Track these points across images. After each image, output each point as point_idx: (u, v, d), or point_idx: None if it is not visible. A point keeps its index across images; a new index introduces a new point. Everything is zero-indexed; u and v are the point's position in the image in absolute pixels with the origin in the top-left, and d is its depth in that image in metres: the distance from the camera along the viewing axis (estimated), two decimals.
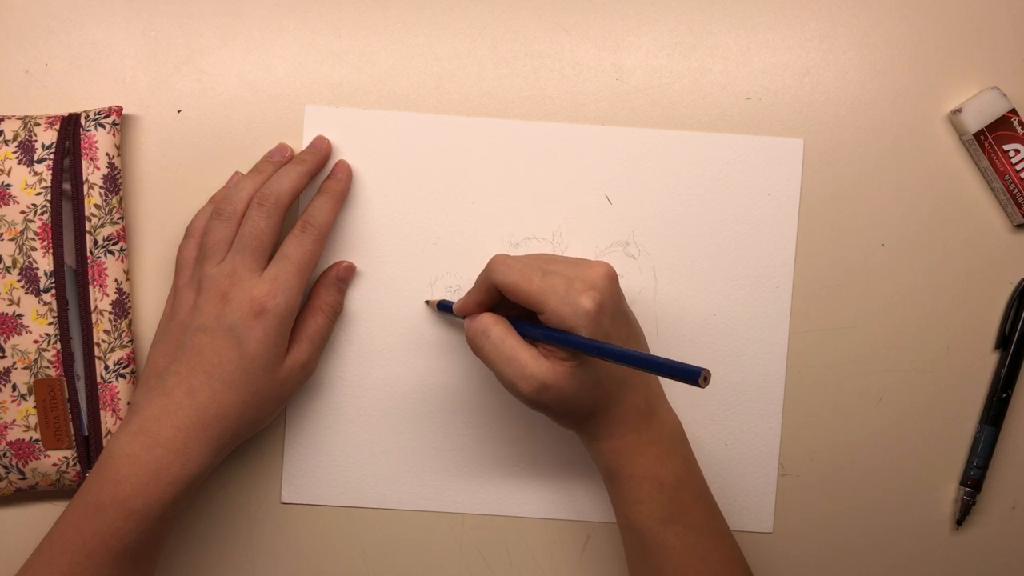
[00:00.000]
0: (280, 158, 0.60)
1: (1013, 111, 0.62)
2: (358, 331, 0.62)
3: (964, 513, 0.63)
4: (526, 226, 0.62)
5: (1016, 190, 0.62)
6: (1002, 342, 0.63)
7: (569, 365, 0.52)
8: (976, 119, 0.62)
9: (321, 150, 0.61)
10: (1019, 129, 0.62)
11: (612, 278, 0.54)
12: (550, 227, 0.62)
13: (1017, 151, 0.62)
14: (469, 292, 0.57)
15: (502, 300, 0.55)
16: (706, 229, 0.63)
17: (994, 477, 0.64)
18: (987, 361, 0.64)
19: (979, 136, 0.62)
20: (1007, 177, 0.62)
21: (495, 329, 0.54)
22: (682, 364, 0.45)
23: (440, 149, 0.62)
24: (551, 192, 0.62)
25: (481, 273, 0.56)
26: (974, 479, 0.63)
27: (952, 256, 0.63)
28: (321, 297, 0.60)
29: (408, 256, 0.62)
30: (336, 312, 0.61)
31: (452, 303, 0.60)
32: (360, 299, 0.62)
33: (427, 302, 0.62)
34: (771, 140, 0.63)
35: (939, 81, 0.63)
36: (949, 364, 0.63)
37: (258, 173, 0.59)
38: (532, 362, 0.52)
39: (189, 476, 0.54)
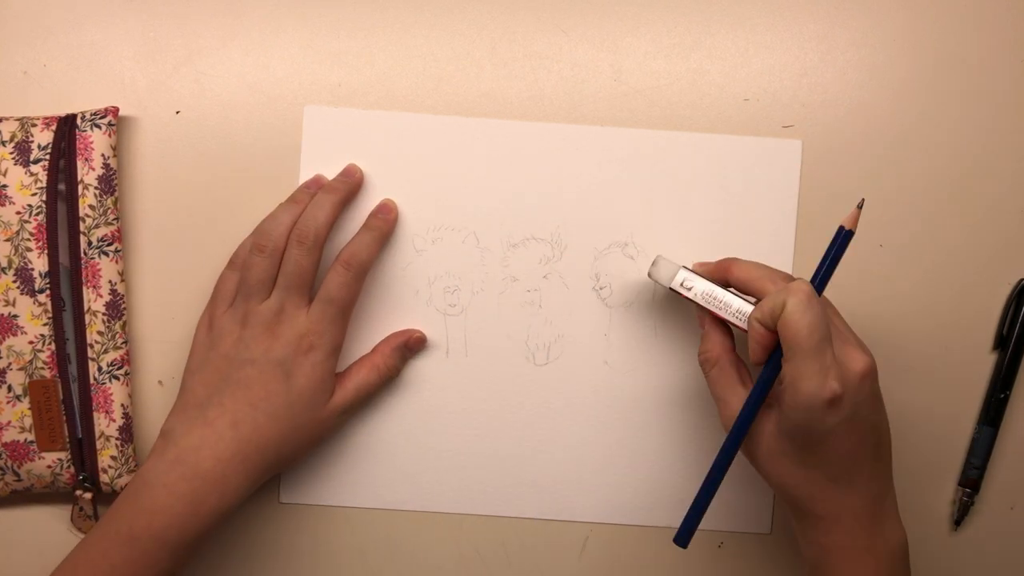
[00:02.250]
0: (316, 188, 0.60)
1: None
2: (357, 331, 0.62)
3: (962, 514, 0.63)
4: (525, 226, 0.62)
5: None
6: (1000, 342, 0.63)
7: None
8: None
9: (353, 178, 0.61)
10: None
11: (866, 377, 0.51)
12: (548, 228, 0.62)
13: None
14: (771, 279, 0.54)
15: None
16: (705, 230, 0.63)
17: (993, 478, 0.64)
18: (985, 361, 0.64)
19: None
20: None
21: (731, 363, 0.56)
22: None
23: (439, 149, 0.62)
24: (550, 192, 0.62)
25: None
26: (972, 480, 0.63)
27: (950, 257, 0.63)
28: (384, 357, 0.61)
29: (407, 256, 0.62)
30: (391, 376, 0.61)
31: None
32: (359, 299, 0.62)
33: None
34: (770, 141, 0.63)
35: (937, 82, 0.63)
36: (947, 364, 0.63)
37: (295, 204, 0.59)
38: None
39: (226, 508, 0.54)
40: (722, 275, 0.57)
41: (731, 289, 0.56)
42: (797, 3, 0.63)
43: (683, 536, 0.54)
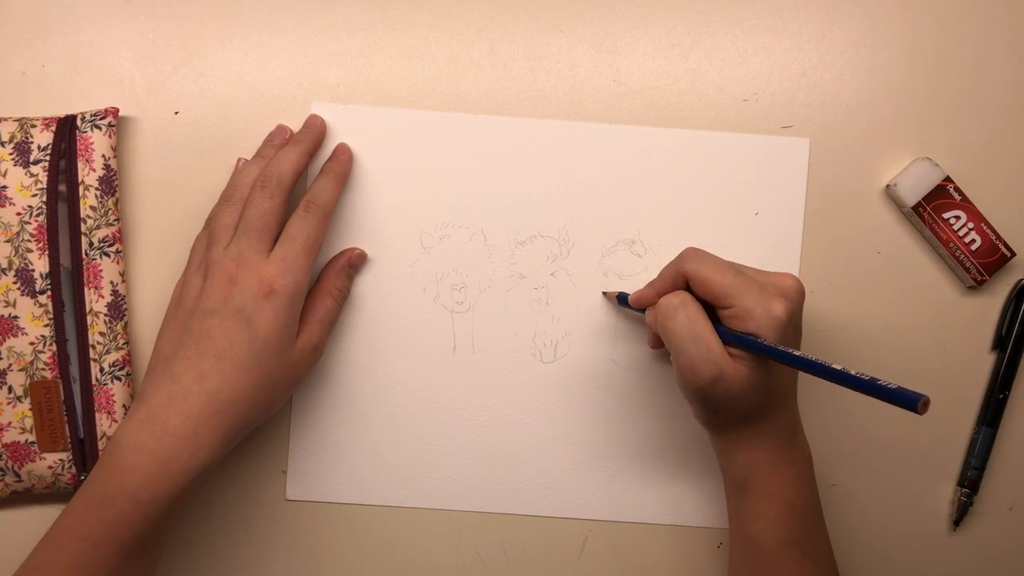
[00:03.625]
0: (280, 140, 0.60)
1: (948, 179, 0.62)
2: (364, 329, 0.62)
3: (961, 514, 0.63)
4: (532, 224, 0.62)
5: (962, 255, 0.62)
6: (999, 343, 0.63)
7: (747, 365, 0.52)
8: (911, 192, 0.62)
9: (316, 128, 0.61)
10: (956, 196, 0.62)
11: (802, 293, 0.54)
12: (556, 225, 0.62)
13: (957, 217, 0.62)
14: (651, 283, 0.57)
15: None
16: (712, 228, 0.63)
17: (992, 478, 0.64)
18: (985, 362, 0.64)
19: (917, 208, 0.62)
20: (952, 244, 0.62)
21: (692, 307, 0.53)
22: (902, 389, 0.44)
23: (447, 146, 0.62)
24: (558, 190, 0.62)
25: (670, 263, 0.56)
26: (971, 480, 0.63)
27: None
28: (331, 281, 0.60)
29: (415, 253, 0.62)
30: (344, 297, 0.61)
31: (628, 295, 0.60)
32: (367, 296, 0.62)
33: (605, 293, 0.62)
34: (777, 140, 0.63)
35: (936, 82, 0.63)
36: (947, 365, 0.64)
37: (261, 158, 0.59)
38: (719, 348, 0.52)
39: (199, 465, 0.52)
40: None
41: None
42: (796, 4, 0.63)
43: None
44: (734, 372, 0.52)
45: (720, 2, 0.63)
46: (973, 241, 0.62)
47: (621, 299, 0.61)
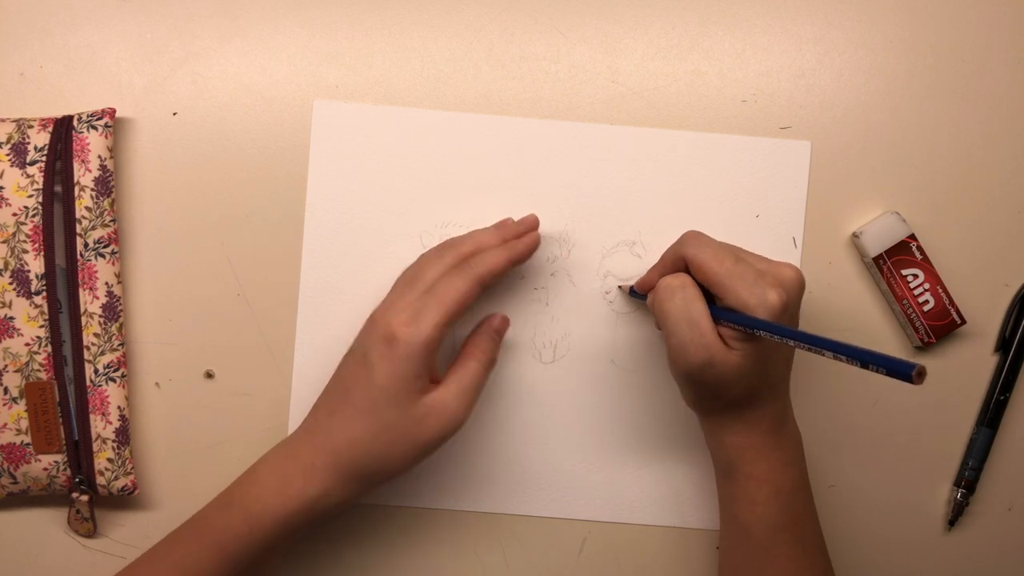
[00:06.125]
0: (524, 228, 0.59)
1: (912, 236, 0.62)
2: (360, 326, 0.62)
3: (957, 514, 0.63)
4: None
5: (914, 314, 0.62)
6: (1002, 345, 0.63)
7: (739, 352, 0.52)
8: (875, 243, 0.62)
9: (533, 244, 0.58)
10: (917, 255, 0.62)
11: (801, 284, 0.53)
12: (558, 225, 0.62)
13: (915, 276, 0.62)
14: (653, 267, 0.57)
15: None
16: (713, 230, 0.62)
17: (990, 479, 0.64)
18: (986, 364, 0.64)
19: (878, 260, 0.62)
20: (905, 302, 0.62)
21: (691, 289, 0.53)
22: (897, 359, 0.43)
23: (448, 145, 0.62)
24: (559, 190, 0.62)
25: (671, 247, 0.56)
26: (968, 480, 0.63)
27: (951, 259, 0.63)
28: (475, 344, 0.58)
29: (414, 252, 0.61)
30: (491, 361, 0.58)
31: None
32: (368, 296, 0.62)
33: (620, 287, 0.62)
34: (779, 142, 0.63)
35: (935, 83, 0.63)
36: (947, 366, 0.63)
37: (498, 228, 0.59)
38: (711, 333, 0.52)
39: (309, 497, 0.53)
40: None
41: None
42: (794, 5, 0.63)
43: None
44: (724, 358, 0.51)
45: (718, 3, 0.63)
46: (926, 302, 0.62)
47: (632, 291, 0.61)
